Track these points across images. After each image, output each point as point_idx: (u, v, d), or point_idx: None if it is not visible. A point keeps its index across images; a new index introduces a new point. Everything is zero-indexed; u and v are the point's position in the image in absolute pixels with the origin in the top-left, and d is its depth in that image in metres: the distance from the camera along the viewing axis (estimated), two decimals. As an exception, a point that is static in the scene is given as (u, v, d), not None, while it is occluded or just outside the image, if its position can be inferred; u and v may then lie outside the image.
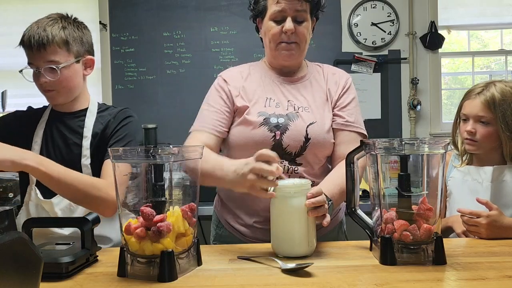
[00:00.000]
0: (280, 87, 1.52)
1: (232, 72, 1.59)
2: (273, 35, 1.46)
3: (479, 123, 1.52)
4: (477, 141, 1.52)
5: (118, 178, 1.05)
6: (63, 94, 1.45)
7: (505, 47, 3.63)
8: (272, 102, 1.48)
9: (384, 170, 1.11)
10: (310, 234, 1.16)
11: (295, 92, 1.51)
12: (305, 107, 1.48)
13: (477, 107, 1.51)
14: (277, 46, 1.48)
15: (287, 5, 1.43)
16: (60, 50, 1.40)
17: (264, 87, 1.52)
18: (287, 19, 1.44)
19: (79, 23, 1.50)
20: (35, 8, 3.25)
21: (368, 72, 3.37)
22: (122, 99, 3.42)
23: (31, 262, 0.76)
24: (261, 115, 1.45)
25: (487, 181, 1.52)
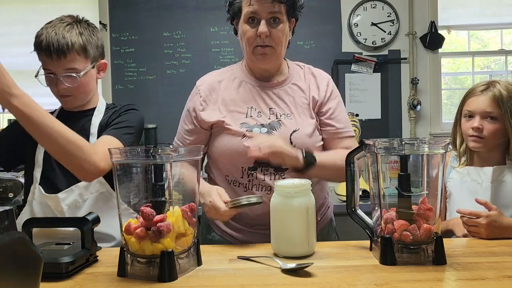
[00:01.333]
0: (261, 94, 1.50)
1: (209, 79, 1.56)
2: (248, 38, 1.43)
3: (486, 119, 1.50)
4: (484, 137, 1.50)
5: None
6: (79, 99, 1.47)
7: (505, 47, 3.63)
8: (253, 112, 1.47)
9: (384, 170, 1.11)
10: (310, 234, 1.16)
11: (276, 98, 1.50)
12: (287, 114, 1.47)
13: (484, 102, 1.50)
14: (253, 50, 1.44)
15: (259, 7, 1.39)
16: (79, 57, 1.41)
17: (245, 96, 1.50)
18: (261, 21, 1.40)
19: (92, 27, 1.51)
20: (35, 8, 3.25)
21: (368, 72, 3.37)
22: (122, 99, 3.41)
23: (31, 262, 0.76)
24: (243, 126, 1.44)
25: (487, 181, 1.51)
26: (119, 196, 1.05)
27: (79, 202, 1.40)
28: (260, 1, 1.39)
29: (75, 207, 1.40)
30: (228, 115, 1.46)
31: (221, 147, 1.45)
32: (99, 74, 1.53)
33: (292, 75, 1.55)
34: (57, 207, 1.39)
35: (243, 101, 1.49)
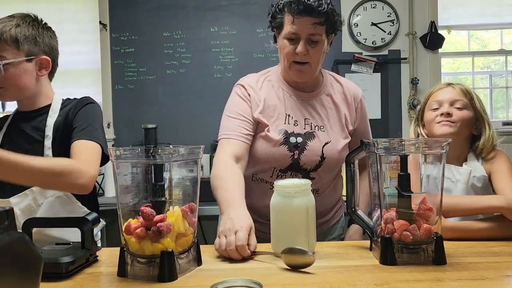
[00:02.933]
0: (297, 103, 1.56)
1: (251, 80, 1.61)
2: (286, 53, 1.50)
3: (454, 108, 1.47)
4: (455, 122, 1.45)
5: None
6: (11, 92, 1.43)
7: (505, 47, 3.63)
8: (291, 120, 1.53)
9: (384, 170, 1.11)
10: (310, 234, 1.16)
11: (310, 109, 1.56)
12: (320, 126, 1.55)
13: (452, 92, 1.49)
14: (290, 65, 1.51)
15: (300, 28, 1.45)
16: (9, 47, 1.38)
17: (284, 103, 1.55)
18: (300, 41, 1.46)
19: (39, 23, 1.48)
20: (35, 8, 3.24)
21: (368, 72, 3.37)
22: (122, 99, 3.42)
23: (31, 262, 0.76)
24: (281, 132, 1.51)
25: (463, 182, 1.44)
26: (119, 196, 1.05)
27: (33, 207, 1.37)
28: (301, 23, 1.44)
29: (30, 211, 1.37)
30: (269, 119, 1.52)
31: (258, 149, 1.51)
32: (41, 71, 1.46)
33: (325, 86, 1.61)
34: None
35: (282, 107, 1.55)
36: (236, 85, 1.63)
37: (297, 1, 1.43)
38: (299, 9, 1.43)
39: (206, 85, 3.40)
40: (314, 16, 1.43)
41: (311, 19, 1.44)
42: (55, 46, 1.52)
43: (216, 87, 3.39)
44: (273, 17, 1.52)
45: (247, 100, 1.55)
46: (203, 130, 3.34)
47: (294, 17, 1.44)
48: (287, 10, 1.46)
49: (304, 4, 1.42)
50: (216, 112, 3.47)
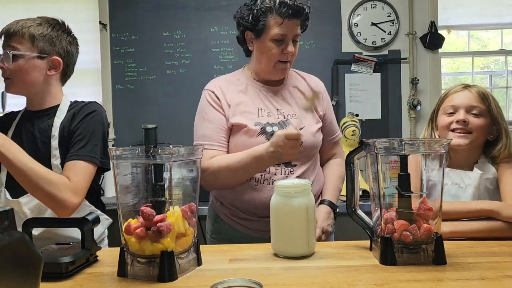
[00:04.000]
0: (267, 97, 1.62)
1: (219, 83, 1.65)
2: (273, 55, 1.55)
3: (470, 114, 1.43)
4: (471, 131, 1.42)
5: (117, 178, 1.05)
6: (17, 84, 1.46)
7: (505, 47, 3.63)
8: (263, 112, 1.59)
9: (384, 170, 1.11)
10: (310, 234, 1.16)
11: (280, 101, 1.63)
12: (292, 114, 1.61)
13: (470, 97, 1.44)
14: (274, 65, 1.58)
15: (288, 30, 1.53)
16: (25, 41, 1.43)
17: (254, 98, 1.61)
18: (288, 41, 1.54)
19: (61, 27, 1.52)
20: (35, 8, 3.25)
21: (368, 72, 3.37)
22: (122, 99, 3.41)
23: (31, 262, 0.76)
24: (257, 124, 1.55)
25: (473, 187, 1.41)
26: (119, 196, 1.05)
27: (42, 206, 1.39)
28: (289, 25, 1.52)
29: (39, 211, 1.40)
30: (242, 116, 1.57)
31: (239, 144, 1.55)
32: (50, 71, 1.49)
33: (291, 78, 1.69)
34: (20, 211, 1.39)
35: (252, 103, 1.60)
36: (204, 90, 1.67)
37: (285, 4, 1.50)
38: (289, 12, 1.50)
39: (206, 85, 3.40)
40: (301, 18, 1.54)
41: (297, 21, 1.54)
42: (73, 52, 1.55)
43: (216, 87, 3.38)
44: (255, 19, 1.54)
45: (218, 106, 1.59)
46: (203, 130, 3.33)
47: (283, 19, 1.50)
48: (276, 12, 1.51)
49: (293, 7, 1.50)
50: (216, 112, 3.46)
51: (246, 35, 1.61)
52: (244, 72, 1.69)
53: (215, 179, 1.53)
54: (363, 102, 3.36)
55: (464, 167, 1.46)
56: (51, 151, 1.43)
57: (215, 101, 1.60)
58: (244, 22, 1.58)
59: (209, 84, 1.68)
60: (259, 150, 1.47)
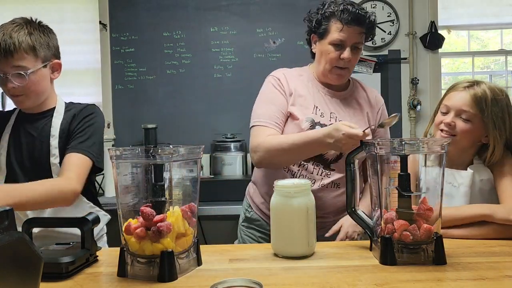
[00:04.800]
0: (324, 98, 1.66)
1: (284, 72, 1.70)
2: (330, 59, 1.59)
3: (459, 118, 1.42)
4: (456, 135, 1.42)
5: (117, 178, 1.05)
6: (31, 98, 1.46)
7: (505, 47, 3.63)
8: (318, 111, 1.62)
9: (384, 170, 1.11)
10: (310, 234, 1.16)
11: (336, 106, 1.66)
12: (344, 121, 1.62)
13: (462, 100, 1.42)
14: (331, 69, 1.61)
15: (348, 36, 1.56)
16: (28, 56, 1.41)
17: (313, 95, 1.65)
18: (346, 47, 1.57)
19: (44, 27, 1.50)
20: (35, 8, 3.25)
21: (368, 72, 3.37)
22: (122, 99, 3.42)
23: (31, 262, 0.76)
24: (308, 120, 1.59)
25: (465, 186, 1.42)
26: (119, 196, 1.05)
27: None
28: (349, 31, 1.55)
29: (39, 211, 1.42)
30: (298, 108, 1.61)
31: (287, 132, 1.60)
32: (53, 74, 1.51)
33: (352, 89, 1.72)
34: (20, 212, 1.39)
35: (311, 98, 1.64)
36: (269, 76, 1.71)
37: (347, 11, 1.54)
38: (349, 19, 1.54)
39: (206, 85, 3.40)
40: (362, 26, 1.57)
41: (359, 29, 1.57)
42: (58, 46, 1.55)
43: (216, 87, 3.39)
44: (318, 23, 1.61)
45: (281, 91, 1.64)
46: (203, 130, 3.34)
47: (343, 25, 1.55)
48: (337, 18, 1.56)
49: (354, 14, 1.54)
50: (216, 112, 3.49)
51: (312, 38, 1.68)
52: (308, 69, 1.74)
53: (268, 156, 1.54)
54: (363, 102, 3.36)
55: (458, 167, 1.46)
56: (51, 150, 1.45)
57: (280, 86, 1.65)
58: (310, 25, 1.65)
59: (274, 71, 1.72)
60: (316, 135, 1.46)
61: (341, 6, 1.57)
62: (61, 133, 1.47)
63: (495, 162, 1.43)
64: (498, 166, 1.43)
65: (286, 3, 3.40)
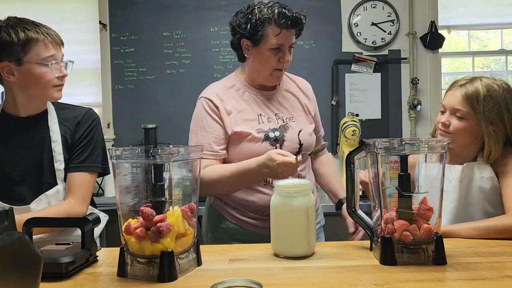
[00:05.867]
0: (264, 102, 1.66)
1: (216, 91, 1.65)
2: (270, 64, 1.58)
3: (454, 116, 1.44)
4: (451, 133, 1.44)
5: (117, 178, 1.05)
6: None
7: (505, 47, 3.63)
8: (263, 118, 1.62)
9: (384, 170, 1.11)
10: (310, 234, 1.16)
11: (277, 105, 1.67)
12: (290, 118, 1.67)
13: (455, 99, 1.44)
14: (271, 72, 1.60)
15: (286, 40, 1.56)
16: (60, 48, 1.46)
17: (252, 105, 1.64)
18: (285, 50, 1.58)
19: None
20: (35, 8, 3.24)
21: (368, 72, 3.37)
22: (122, 99, 3.41)
23: (31, 262, 0.76)
24: (260, 131, 1.59)
25: (456, 180, 1.45)
26: (120, 196, 1.05)
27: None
28: (287, 35, 1.56)
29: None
30: (244, 124, 1.60)
31: (245, 152, 1.58)
32: None
33: (283, 82, 1.73)
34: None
35: (252, 109, 1.63)
36: (201, 98, 1.66)
37: (283, 15, 1.53)
38: (288, 23, 1.53)
39: (206, 85, 3.37)
40: (298, 27, 1.59)
41: (294, 30, 1.58)
42: None
43: (216, 87, 3.38)
44: (254, 29, 1.55)
45: (216, 115, 1.60)
46: (203, 130, 3.33)
47: (282, 30, 1.53)
48: (275, 23, 1.53)
49: (291, 18, 1.54)
50: (216, 112, 3.46)
51: (242, 42, 1.62)
52: (238, 76, 1.70)
53: (207, 189, 1.55)
54: (363, 102, 3.36)
55: (462, 162, 1.48)
56: (54, 156, 1.43)
57: (213, 110, 1.60)
58: (241, 30, 1.59)
59: (206, 91, 1.67)
60: (251, 167, 1.48)
61: (275, 9, 1.53)
62: (64, 140, 1.45)
63: (497, 161, 1.43)
64: (500, 166, 1.43)
65: (286, 3, 3.39)
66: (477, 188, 1.43)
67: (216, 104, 1.60)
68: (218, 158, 1.59)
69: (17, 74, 1.39)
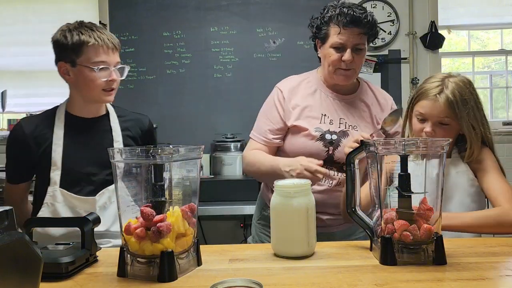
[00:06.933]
0: (333, 104, 1.69)
1: (290, 83, 1.73)
2: (332, 61, 1.61)
3: (438, 124, 1.44)
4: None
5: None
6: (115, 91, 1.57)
7: (505, 47, 3.63)
8: (326, 119, 1.66)
9: (384, 170, 1.11)
10: (310, 234, 1.16)
11: (345, 110, 1.69)
12: (353, 126, 1.68)
13: (438, 108, 1.42)
14: (335, 71, 1.63)
15: (348, 39, 1.57)
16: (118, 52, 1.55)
17: (320, 104, 1.68)
18: (347, 49, 1.58)
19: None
20: (35, 8, 3.24)
21: (368, 72, 3.37)
22: (122, 99, 3.39)
23: (31, 262, 0.76)
24: (317, 130, 1.64)
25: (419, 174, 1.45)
26: (119, 196, 1.05)
27: (107, 204, 1.49)
28: (348, 34, 1.57)
29: (104, 208, 1.49)
30: (305, 120, 1.65)
31: (297, 145, 1.65)
32: None
33: (360, 90, 1.74)
34: (91, 209, 1.43)
35: (318, 107, 1.68)
36: (276, 86, 1.75)
37: (343, 14, 1.56)
38: (346, 21, 1.56)
39: (206, 85, 3.40)
40: (360, 27, 1.57)
41: (357, 30, 1.57)
42: None
43: (216, 87, 3.39)
44: (318, 28, 1.64)
45: (281, 107, 1.68)
46: (203, 130, 3.34)
47: (341, 28, 1.57)
48: (334, 22, 1.58)
49: (350, 16, 1.56)
50: (216, 112, 3.49)
51: (317, 43, 1.69)
52: (316, 74, 1.75)
53: (246, 170, 1.73)
54: (363, 102, 3.36)
55: None
56: None
57: (280, 102, 1.69)
58: (312, 31, 1.68)
59: (282, 82, 1.75)
60: (277, 164, 1.57)
61: (338, 9, 1.59)
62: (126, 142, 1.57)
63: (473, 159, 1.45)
64: (476, 163, 1.45)
65: (286, 3, 3.40)
66: (452, 183, 1.45)
67: (285, 96, 1.69)
68: (268, 145, 1.69)
69: (72, 74, 1.50)
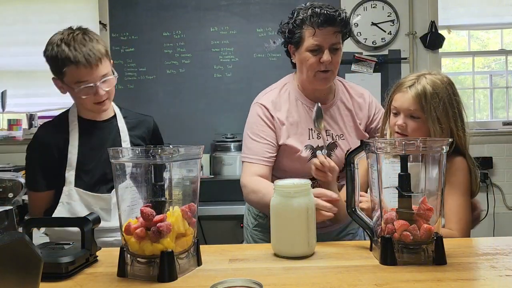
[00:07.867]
0: None
1: (272, 98, 1.66)
2: (310, 65, 1.56)
3: (409, 117, 1.44)
4: (408, 135, 1.45)
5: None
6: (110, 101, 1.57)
7: (505, 47, 3.63)
8: (314, 134, 1.63)
9: (384, 170, 1.11)
10: (310, 234, 1.16)
11: (329, 120, 1.65)
12: (340, 135, 1.66)
13: (408, 101, 1.43)
14: (314, 74, 1.57)
15: (323, 39, 1.53)
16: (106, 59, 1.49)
17: (305, 117, 1.63)
18: (324, 50, 1.53)
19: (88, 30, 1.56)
20: (35, 8, 3.25)
21: (368, 72, 3.37)
22: (122, 99, 3.39)
23: (31, 262, 0.76)
24: (307, 148, 1.62)
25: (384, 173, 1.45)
26: (119, 195, 1.05)
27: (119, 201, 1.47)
28: (324, 34, 1.52)
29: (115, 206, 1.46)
30: (293, 138, 1.61)
31: (288, 165, 1.63)
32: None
33: (338, 94, 1.70)
34: (105, 206, 1.46)
35: (304, 123, 1.63)
36: (256, 104, 1.67)
37: (316, 14, 1.51)
38: (320, 21, 1.51)
39: (206, 85, 3.40)
40: (335, 26, 1.53)
41: (332, 29, 1.52)
42: None
43: (216, 87, 3.39)
44: (290, 33, 1.58)
45: (270, 123, 1.62)
46: (203, 130, 3.34)
47: (316, 29, 1.51)
48: (308, 24, 1.53)
49: (324, 16, 1.51)
50: (216, 112, 3.48)
51: (289, 48, 1.64)
52: (293, 84, 1.69)
53: (249, 198, 1.58)
54: (363, 102, 3.36)
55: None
56: None
57: (267, 117, 1.62)
58: (284, 36, 1.63)
59: (262, 97, 1.68)
60: None
61: (309, 10, 1.53)
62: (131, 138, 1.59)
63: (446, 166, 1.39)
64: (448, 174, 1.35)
65: (286, 3, 3.40)
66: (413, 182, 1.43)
67: (271, 112, 1.62)
68: (268, 164, 1.60)
69: (65, 89, 1.48)
